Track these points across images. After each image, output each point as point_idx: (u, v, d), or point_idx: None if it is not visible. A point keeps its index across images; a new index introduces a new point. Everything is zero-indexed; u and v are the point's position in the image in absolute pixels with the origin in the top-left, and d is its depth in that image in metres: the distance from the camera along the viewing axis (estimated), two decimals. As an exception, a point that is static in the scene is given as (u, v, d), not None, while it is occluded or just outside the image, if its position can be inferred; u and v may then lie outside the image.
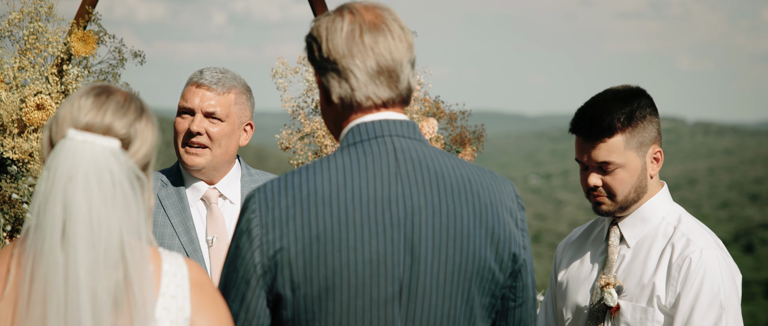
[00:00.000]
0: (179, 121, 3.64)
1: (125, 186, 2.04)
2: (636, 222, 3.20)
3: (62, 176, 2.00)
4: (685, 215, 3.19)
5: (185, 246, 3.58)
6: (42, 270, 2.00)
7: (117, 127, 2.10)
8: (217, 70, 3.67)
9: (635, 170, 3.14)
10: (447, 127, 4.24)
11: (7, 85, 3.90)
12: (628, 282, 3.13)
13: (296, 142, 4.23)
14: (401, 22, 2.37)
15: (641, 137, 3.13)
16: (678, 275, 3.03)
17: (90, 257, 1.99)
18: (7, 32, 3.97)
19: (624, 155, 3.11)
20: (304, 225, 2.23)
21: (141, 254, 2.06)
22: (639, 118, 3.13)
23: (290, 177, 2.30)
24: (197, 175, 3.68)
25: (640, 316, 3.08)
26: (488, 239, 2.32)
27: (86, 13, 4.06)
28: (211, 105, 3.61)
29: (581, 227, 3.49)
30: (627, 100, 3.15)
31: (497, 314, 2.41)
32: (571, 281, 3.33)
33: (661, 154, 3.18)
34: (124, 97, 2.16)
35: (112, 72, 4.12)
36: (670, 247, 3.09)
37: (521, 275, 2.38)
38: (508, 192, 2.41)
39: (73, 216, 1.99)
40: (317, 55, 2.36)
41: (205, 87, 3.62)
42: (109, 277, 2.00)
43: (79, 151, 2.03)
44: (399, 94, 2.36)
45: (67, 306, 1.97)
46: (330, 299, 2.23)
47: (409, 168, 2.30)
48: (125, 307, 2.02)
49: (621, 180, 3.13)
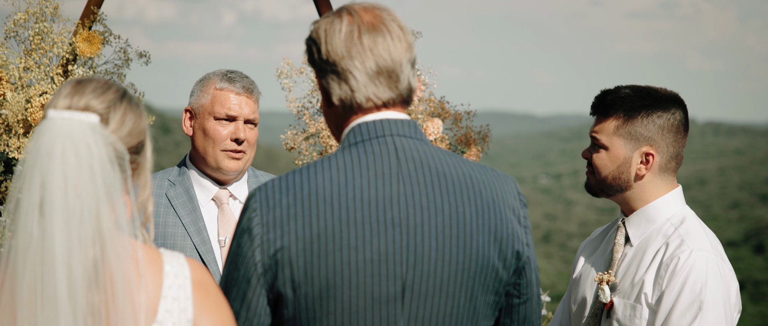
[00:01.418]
0: (217, 127, 3.65)
1: (104, 162, 2.03)
2: (641, 221, 3.21)
3: (41, 152, 2.00)
4: (690, 218, 3.18)
5: (198, 246, 3.59)
6: (18, 244, 1.99)
7: (94, 104, 2.10)
8: (243, 75, 3.73)
9: (616, 158, 3.17)
10: (452, 127, 4.24)
11: (13, 86, 3.91)
12: (624, 280, 3.15)
13: (301, 142, 4.23)
14: (400, 22, 2.38)
15: (635, 131, 3.14)
16: (665, 273, 3.03)
17: (65, 231, 1.97)
18: (13, 32, 3.98)
19: (610, 138, 3.18)
20: (304, 225, 2.23)
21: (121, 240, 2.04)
22: (643, 114, 3.14)
23: (291, 176, 2.30)
24: (219, 177, 3.70)
25: (630, 313, 3.09)
26: (491, 237, 2.32)
27: (91, 13, 4.07)
28: (251, 111, 3.69)
29: (601, 227, 3.53)
30: (645, 96, 3.18)
31: (501, 311, 2.41)
32: (581, 278, 3.37)
33: (653, 157, 3.16)
34: (103, 82, 2.17)
35: (117, 72, 4.13)
36: (664, 247, 3.09)
37: (525, 272, 2.39)
38: (510, 189, 2.41)
39: (50, 189, 1.98)
40: (317, 57, 2.37)
41: (245, 94, 3.68)
42: (85, 254, 1.98)
43: (57, 126, 2.02)
44: (399, 94, 2.36)
45: (43, 280, 1.96)
46: (331, 298, 2.24)
47: (410, 168, 2.30)
48: (104, 286, 2.00)
49: (601, 160, 3.20)
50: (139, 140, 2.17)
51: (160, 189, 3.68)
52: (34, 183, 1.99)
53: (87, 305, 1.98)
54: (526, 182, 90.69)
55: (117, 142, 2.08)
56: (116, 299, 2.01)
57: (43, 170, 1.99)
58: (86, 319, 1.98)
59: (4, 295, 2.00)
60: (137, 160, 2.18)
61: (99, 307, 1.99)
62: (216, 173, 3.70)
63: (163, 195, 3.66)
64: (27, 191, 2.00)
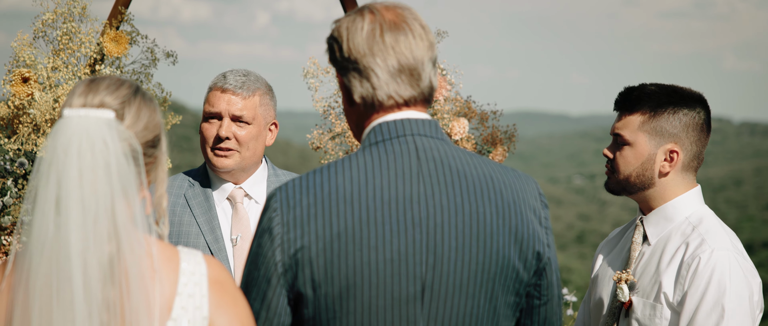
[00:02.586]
0: (207, 126, 3.69)
1: (120, 158, 2.04)
2: (659, 220, 3.19)
3: (58, 150, 2.02)
4: (709, 217, 3.16)
5: (210, 244, 3.62)
6: (34, 241, 2.00)
7: (108, 101, 2.11)
8: (240, 73, 3.72)
9: (641, 155, 3.15)
10: (478, 126, 4.22)
11: (41, 85, 3.94)
12: (642, 279, 3.13)
13: (327, 141, 4.23)
14: (422, 21, 2.37)
15: (660, 127, 3.12)
16: (686, 273, 3.01)
17: (81, 227, 1.98)
18: (41, 32, 4.01)
19: (634, 134, 3.15)
20: (325, 224, 2.23)
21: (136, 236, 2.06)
22: (667, 111, 3.12)
23: (312, 176, 2.30)
24: (225, 176, 3.72)
25: (650, 312, 3.07)
26: (511, 237, 2.30)
27: (119, 13, 4.09)
28: (238, 109, 3.66)
29: (619, 227, 3.51)
30: (670, 94, 3.16)
31: (522, 312, 2.40)
32: (599, 278, 3.36)
33: (677, 155, 3.14)
34: (116, 79, 2.18)
35: (144, 72, 4.15)
36: (684, 246, 3.07)
37: (546, 273, 2.37)
38: (531, 190, 2.39)
39: (66, 186, 1.99)
40: (338, 56, 2.36)
41: (230, 91, 3.67)
42: (101, 249, 2.00)
43: (73, 124, 2.04)
44: (421, 92, 2.35)
45: (58, 276, 1.97)
46: (351, 298, 2.23)
47: (430, 168, 2.29)
48: (120, 282, 2.01)
49: (625, 158, 3.18)
50: (154, 134, 2.19)
51: (179, 190, 3.72)
52: (51, 181, 2.00)
53: (102, 300, 1.99)
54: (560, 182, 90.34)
55: (132, 137, 2.10)
56: (131, 294, 2.02)
57: (59, 168, 2.00)
58: (101, 315, 1.99)
59: (21, 292, 2.01)
60: (154, 154, 2.19)
61: (114, 302, 2.00)
62: (216, 172, 3.73)
63: (181, 195, 3.71)
64: (43, 188, 2.01)
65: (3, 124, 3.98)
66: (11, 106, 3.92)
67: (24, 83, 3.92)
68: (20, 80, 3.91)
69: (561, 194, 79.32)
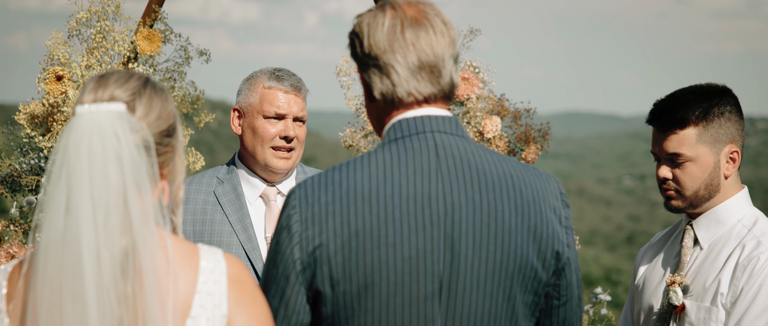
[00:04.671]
0: (266, 126, 3.68)
1: (132, 149, 2.04)
2: (710, 223, 3.13)
3: (69, 147, 2.02)
4: (762, 219, 3.11)
5: (244, 243, 3.61)
6: (45, 239, 2.01)
7: (118, 94, 2.11)
8: (291, 73, 3.76)
9: (706, 166, 3.07)
10: (511, 125, 4.19)
11: (75, 84, 3.96)
12: (695, 283, 3.07)
13: (360, 139, 4.22)
14: (444, 17, 2.34)
15: (716, 133, 3.06)
16: (742, 275, 2.96)
17: (92, 222, 1.98)
18: (76, 31, 4.04)
19: (695, 148, 3.06)
20: (343, 222, 2.22)
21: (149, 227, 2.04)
22: (716, 114, 3.06)
23: (330, 173, 2.29)
24: (263, 174, 3.71)
25: (704, 316, 3.01)
26: (530, 236, 2.28)
27: (153, 12, 4.10)
28: (300, 109, 3.71)
29: (662, 231, 3.45)
30: (707, 95, 3.09)
31: (541, 312, 2.37)
32: (646, 283, 3.30)
33: (738, 154, 3.09)
34: (125, 72, 2.18)
35: (177, 70, 4.16)
36: (740, 248, 3.02)
37: (565, 273, 2.34)
38: (552, 189, 2.36)
39: (76, 183, 1.99)
40: (359, 51, 2.35)
41: (293, 92, 3.71)
42: (114, 243, 1.99)
43: (85, 120, 2.04)
44: (441, 89, 2.33)
45: (69, 271, 1.97)
46: (369, 296, 2.22)
47: (450, 165, 2.27)
48: (134, 276, 2.01)
49: (690, 174, 3.08)
50: (168, 123, 2.18)
51: (208, 187, 3.70)
52: (62, 178, 2.01)
53: (116, 294, 1.99)
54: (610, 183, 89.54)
55: (144, 129, 2.09)
56: (144, 287, 2.01)
57: (69, 165, 2.00)
58: (114, 309, 1.98)
59: (33, 289, 2.02)
60: (170, 143, 2.18)
61: (129, 296, 2.00)
62: (264, 172, 3.72)
63: (211, 193, 3.69)
64: (54, 186, 2.01)
65: (38, 121, 4.01)
66: (46, 104, 3.95)
67: (58, 81, 3.94)
68: (54, 78, 3.94)
69: (611, 195, 78.65)
